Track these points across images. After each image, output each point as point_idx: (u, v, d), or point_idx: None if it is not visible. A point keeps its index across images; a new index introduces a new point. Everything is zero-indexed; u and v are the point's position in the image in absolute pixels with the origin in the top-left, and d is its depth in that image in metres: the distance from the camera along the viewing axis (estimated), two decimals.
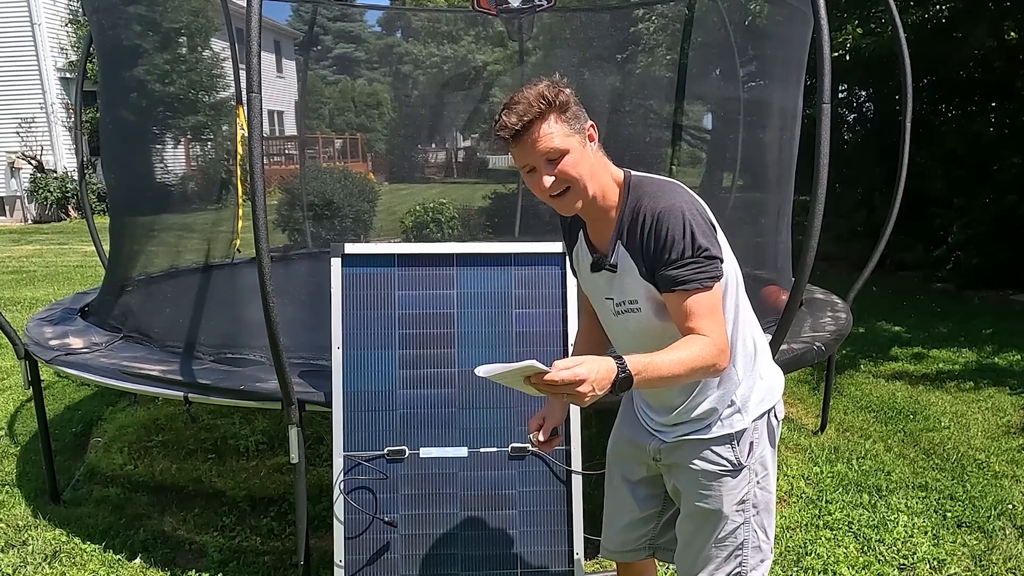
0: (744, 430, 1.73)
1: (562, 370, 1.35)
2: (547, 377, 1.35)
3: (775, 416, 1.79)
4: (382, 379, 2.55)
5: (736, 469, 1.73)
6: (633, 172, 1.68)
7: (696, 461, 1.74)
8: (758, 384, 1.75)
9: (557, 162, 1.56)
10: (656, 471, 1.88)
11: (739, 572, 1.77)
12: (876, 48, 6.30)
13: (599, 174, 1.62)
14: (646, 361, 1.45)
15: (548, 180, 1.57)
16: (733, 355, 1.67)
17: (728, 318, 1.64)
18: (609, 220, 1.66)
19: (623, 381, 1.40)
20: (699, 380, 1.65)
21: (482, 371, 1.42)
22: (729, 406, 1.72)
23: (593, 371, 1.36)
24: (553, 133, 1.54)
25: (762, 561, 1.79)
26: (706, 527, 1.76)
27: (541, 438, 1.84)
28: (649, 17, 7.65)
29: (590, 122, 1.61)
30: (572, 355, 1.94)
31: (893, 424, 4.28)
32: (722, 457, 1.72)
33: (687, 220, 1.54)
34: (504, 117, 1.55)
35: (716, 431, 1.72)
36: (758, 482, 1.76)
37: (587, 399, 1.36)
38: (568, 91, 1.58)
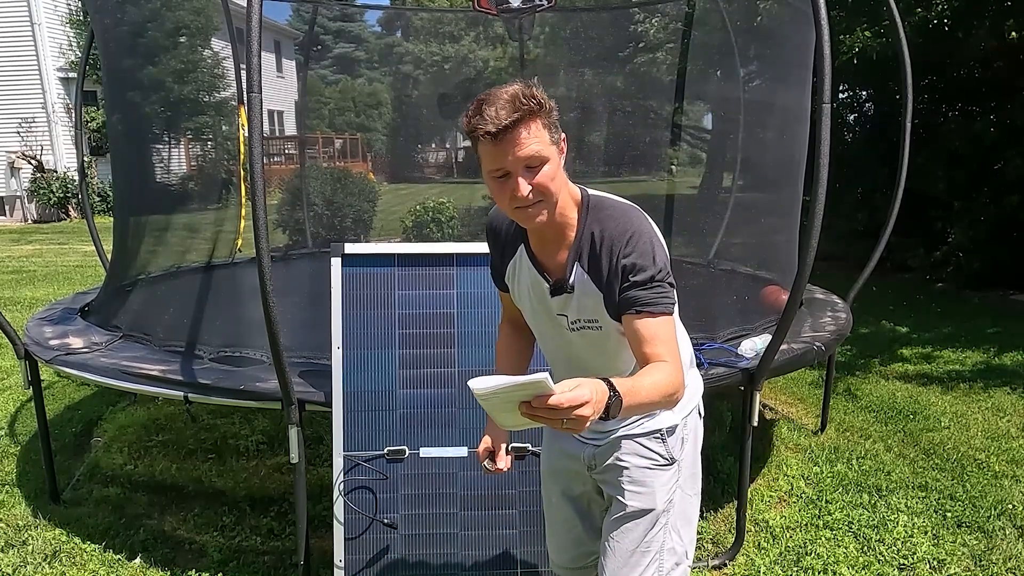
0: (675, 426, 1.74)
1: (565, 393, 1.23)
2: (552, 401, 1.22)
3: (699, 412, 1.83)
4: (382, 379, 2.55)
5: (668, 463, 1.73)
6: (590, 191, 1.63)
7: (627, 457, 1.73)
8: (689, 384, 1.76)
9: (537, 170, 1.47)
10: (595, 486, 1.85)
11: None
12: (880, 49, 6.30)
13: (563, 189, 1.56)
14: (629, 385, 1.37)
15: (525, 189, 1.46)
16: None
17: (678, 333, 1.64)
18: (563, 238, 1.61)
19: (615, 404, 1.32)
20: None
21: (477, 384, 1.24)
22: None
23: (594, 392, 1.27)
24: (539, 138, 1.45)
25: (677, 564, 1.77)
26: (636, 529, 1.73)
27: (500, 465, 1.80)
28: (648, 19, 7.65)
29: (563, 134, 1.54)
30: (496, 366, 1.88)
31: (893, 424, 4.28)
32: (654, 452, 1.73)
33: (654, 245, 1.53)
34: (487, 109, 1.42)
35: (647, 426, 1.73)
36: (680, 483, 1.76)
37: (586, 425, 1.26)
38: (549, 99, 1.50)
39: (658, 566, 1.74)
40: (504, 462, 1.81)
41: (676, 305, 1.58)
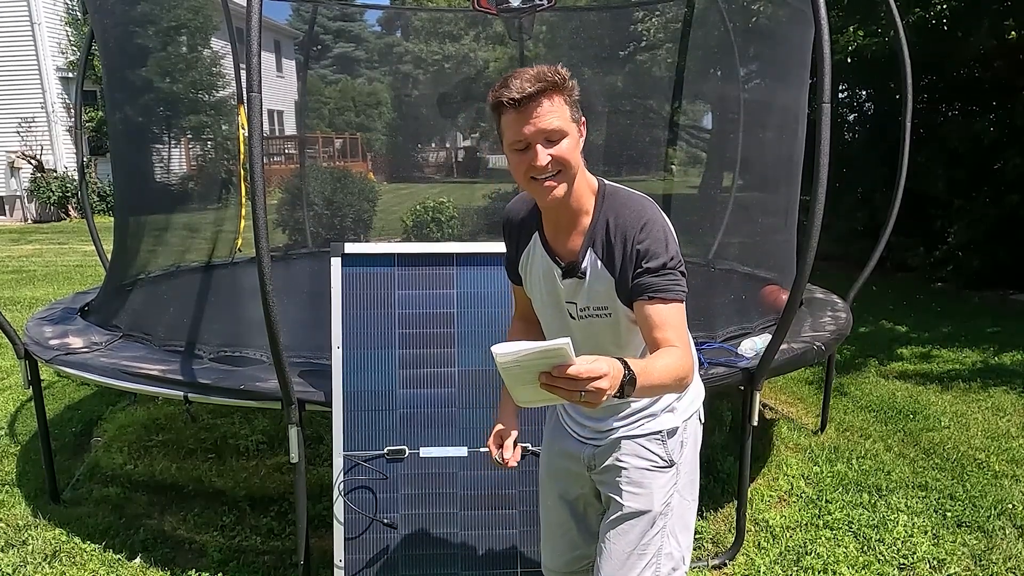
0: (675, 428, 1.74)
1: (585, 364, 1.25)
2: (571, 371, 1.24)
3: (700, 418, 1.82)
4: (382, 379, 2.55)
5: (667, 465, 1.73)
6: (607, 181, 1.66)
7: (627, 458, 1.73)
8: (691, 388, 1.78)
9: (556, 144, 1.51)
10: (593, 489, 1.84)
11: None
12: (877, 48, 6.30)
13: (580, 172, 1.59)
14: (642, 365, 1.38)
15: (544, 158, 1.50)
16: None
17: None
18: (577, 224, 1.63)
19: (629, 383, 1.33)
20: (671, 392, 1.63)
21: (499, 350, 1.26)
22: (664, 407, 1.74)
23: (611, 367, 1.28)
24: (560, 113, 1.50)
25: (674, 570, 1.76)
26: (633, 531, 1.72)
27: (507, 455, 1.79)
28: (648, 18, 7.65)
29: (583, 118, 1.58)
30: None
31: (893, 424, 4.28)
32: (653, 453, 1.73)
33: (667, 234, 1.58)
34: (513, 81, 1.47)
35: (648, 427, 1.73)
36: (678, 486, 1.75)
37: (603, 399, 1.27)
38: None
39: (654, 570, 1.72)
40: (512, 452, 1.79)
41: (687, 294, 1.59)
